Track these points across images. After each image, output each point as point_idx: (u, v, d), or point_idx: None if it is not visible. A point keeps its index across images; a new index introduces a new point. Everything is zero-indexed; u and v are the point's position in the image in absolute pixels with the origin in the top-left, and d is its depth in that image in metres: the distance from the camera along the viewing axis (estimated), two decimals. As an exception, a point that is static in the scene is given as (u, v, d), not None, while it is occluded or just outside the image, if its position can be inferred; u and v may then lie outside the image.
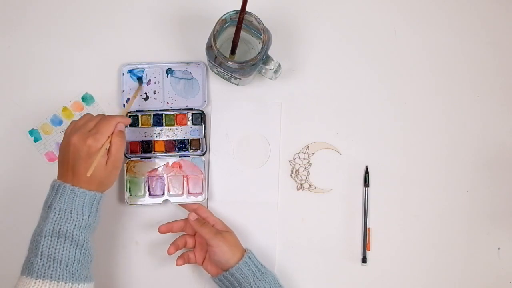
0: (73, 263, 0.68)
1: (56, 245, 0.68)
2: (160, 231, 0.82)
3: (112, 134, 0.73)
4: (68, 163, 0.71)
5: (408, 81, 0.88)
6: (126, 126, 0.78)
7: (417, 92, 0.88)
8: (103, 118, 0.74)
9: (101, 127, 0.72)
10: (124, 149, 0.75)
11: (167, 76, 0.86)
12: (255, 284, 0.76)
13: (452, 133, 0.87)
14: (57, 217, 0.69)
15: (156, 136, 0.86)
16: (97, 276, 0.83)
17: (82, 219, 0.70)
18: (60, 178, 0.72)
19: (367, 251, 0.85)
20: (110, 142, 0.73)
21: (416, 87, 0.88)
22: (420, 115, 0.87)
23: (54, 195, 0.70)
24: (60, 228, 0.68)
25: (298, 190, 0.86)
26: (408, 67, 0.88)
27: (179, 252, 0.82)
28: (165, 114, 0.86)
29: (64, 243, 0.68)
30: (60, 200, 0.69)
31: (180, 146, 0.86)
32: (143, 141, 0.85)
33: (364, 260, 0.84)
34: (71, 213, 0.69)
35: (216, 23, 0.74)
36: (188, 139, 0.86)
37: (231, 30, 0.76)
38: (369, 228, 0.85)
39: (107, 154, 0.73)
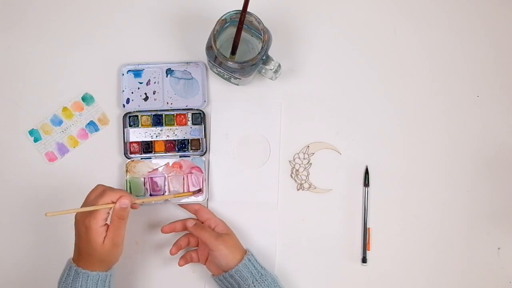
0: None
1: None
2: (163, 231, 0.81)
3: (112, 210, 0.71)
4: (75, 242, 0.72)
5: (408, 81, 0.87)
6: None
7: (417, 92, 0.87)
8: (101, 193, 0.71)
9: (99, 198, 0.71)
10: (124, 227, 0.72)
11: (166, 76, 0.86)
12: (254, 286, 0.76)
13: (452, 133, 0.87)
14: None
15: (156, 136, 0.85)
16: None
17: None
18: (73, 259, 0.73)
19: (367, 251, 0.84)
20: (112, 217, 0.71)
21: (416, 87, 0.87)
22: (420, 115, 0.87)
23: (62, 273, 0.72)
24: None
25: (298, 190, 0.86)
26: (408, 67, 0.88)
27: (181, 253, 0.82)
28: (165, 114, 0.85)
29: None
30: (66, 281, 0.71)
31: (180, 146, 0.85)
32: (143, 142, 0.85)
33: (364, 260, 0.84)
34: None
35: (216, 23, 0.74)
36: (188, 139, 0.86)
37: (231, 30, 0.76)
38: (369, 228, 0.85)
39: (105, 231, 0.71)
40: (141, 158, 0.85)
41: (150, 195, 0.85)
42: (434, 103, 0.87)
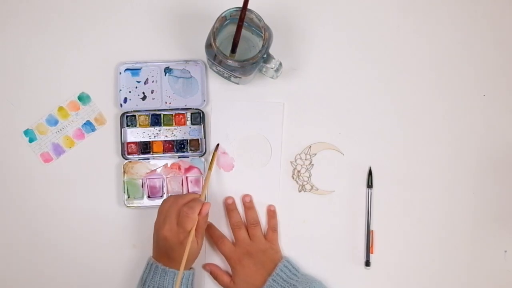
0: None
1: None
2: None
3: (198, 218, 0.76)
4: (163, 251, 0.76)
5: (413, 80, 0.87)
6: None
7: (421, 92, 0.87)
8: (186, 212, 0.74)
9: (184, 222, 0.74)
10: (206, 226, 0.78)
11: (165, 75, 0.85)
12: None
13: (458, 133, 0.86)
14: None
15: (154, 136, 0.85)
16: (93, 279, 0.83)
17: None
18: (155, 258, 0.77)
19: (370, 254, 0.84)
20: (197, 224, 0.75)
21: (421, 86, 0.87)
22: (424, 115, 0.86)
23: (148, 272, 0.77)
24: None
25: (299, 191, 0.85)
26: (412, 66, 0.87)
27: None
28: (163, 114, 0.85)
29: None
30: (153, 279, 0.75)
31: (179, 146, 0.85)
32: (141, 142, 0.85)
33: (367, 263, 0.84)
34: None
35: (216, 21, 0.73)
36: (187, 140, 0.85)
37: (231, 28, 0.75)
38: (372, 231, 0.84)
39: (196, 235, 0.76)
40: (139, 159, 0.84)
41: (148, 197, 0.84)
42: (439, 103, 0.87)
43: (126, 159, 0.84)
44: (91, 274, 0.83)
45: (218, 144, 0.84)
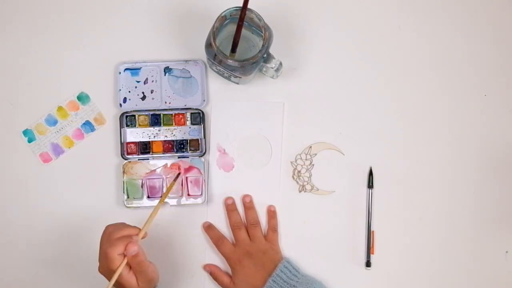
0: None
1: None
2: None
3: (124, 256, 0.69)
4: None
5: (413, 80, 0.86)
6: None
7: (422, 91, 0.86)
8: (105, 250, 0.68)
9: (103, 260, 0.69)
10: (146, 260, 0.70)
11: (165, 75, 0.85)
12: None
13: (459, 133, 0.86)
14: None
15: (154, 136, 0.84)
16: (92, 280, 0.83)
17: None
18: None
19: (371, 255, 0.84)
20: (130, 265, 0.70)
21: (422, 86, 0.86)
22: (425, 115, 0.86)
23: None
24: None
25: (300, 192, 0.85)
26: (413, 65, 0.86)
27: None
28: (163, 114, 0.84)
29: None
30: None
31: (179, 146, 0.84)
32: (140, 142, 0.84)
33: (368, 264, 0.83)
34: None
35: (216, 20, 0.73)
36: (187, 140, 0.85)
37: (231, 28, 0.75)
38: (373, 231, 0.84)
39: (135, 275, 0.70)
40: (139, 159, 0.84)
41: (148, 197, 0.84)
42: (440, 103, 0.86)
43: (126, 159, 0.84)
44: (90, 274, 0.83)
45: (179, 173, 0.83)
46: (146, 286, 0.71)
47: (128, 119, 0.84)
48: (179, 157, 0.84)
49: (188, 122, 0.85)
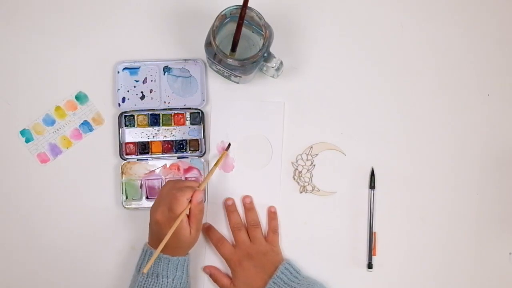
0: None
1: None
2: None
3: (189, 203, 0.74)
4: (156, 236, 0.75)
5: (416, 79, 0.86)
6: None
7: (425, 91, 0.86)
8: (175, 194, 0.73)
9: (173, 204, 0.73)
10: (203, 214, 0.77)
11: (164, 74, 0.84)
12: None
13: (461, 133, 0.86)
14: (145, 281, 0.75)
15: (153, 136, 0.84)
16: (91, 281, 0.83)
17: (167, 282, 0.75)
18: (150, 244, 0.77)
19: (373, 256, 0.83)
20: (189, 211, 0.74)
21: (424, 85, 0.86)
22: (428, 115, 0.86)
23: (143, 258, 0.77)
24: None
25: (300, 192, 0.85)
26: (415, 65, 0.86)
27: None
28: (162, 114, 0.84)
29: None
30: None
31: (178, 147, 0.84)
32: (139, 142, 0.84)
33: (369, 265, 0.83)
34: (157, 277, 0.75)
35: (216, 19, 0.73)
36: (187, 140, 0.85)
37: (231, 26, 0.75)
38: (375, 232, 0.84)
39: (189, 224, 0.74)
40: (137, 160, 0.84)
41: (147, 198, 0.84)
42: (443, 103, 0.86)
43: (124, 160, 0.84)
44: (89, 275, 0.83)
45: (229, 144, 0.84)
46: (194, 239, 0.76)
47: (126, 119, 0.84)
48: (178, 158, 0.84)
49: (188, 122, 0.85)
